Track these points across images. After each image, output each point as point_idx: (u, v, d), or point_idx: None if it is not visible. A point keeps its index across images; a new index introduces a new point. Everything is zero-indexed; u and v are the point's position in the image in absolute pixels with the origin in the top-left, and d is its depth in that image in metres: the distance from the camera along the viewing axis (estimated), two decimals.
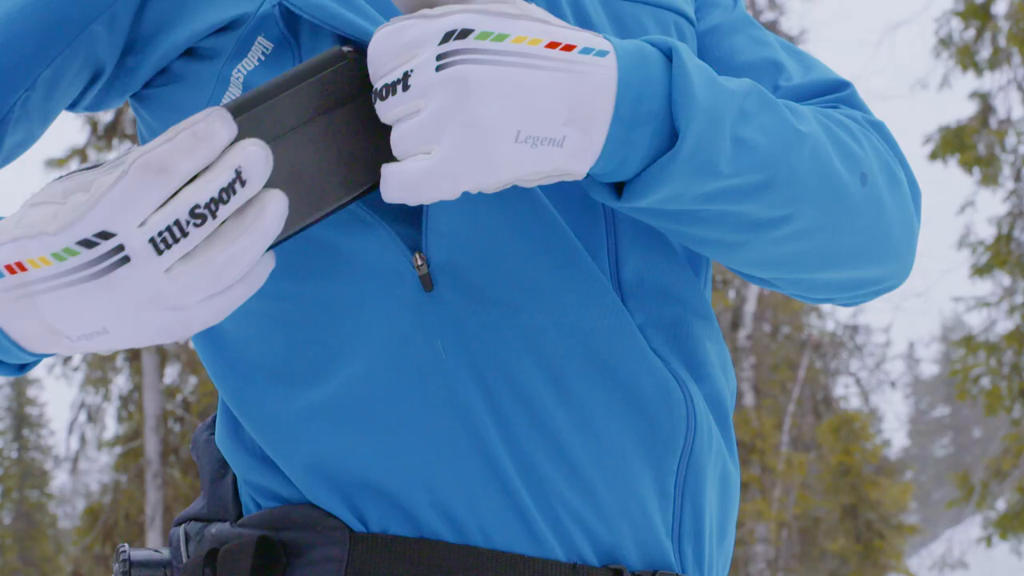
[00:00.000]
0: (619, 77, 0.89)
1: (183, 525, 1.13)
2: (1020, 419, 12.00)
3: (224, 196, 0.78)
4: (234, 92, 1.01)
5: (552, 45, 0.87)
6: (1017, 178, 12.45)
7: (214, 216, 0.78)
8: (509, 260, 1.00)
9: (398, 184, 0.86)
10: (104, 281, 0.78)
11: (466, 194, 0.89)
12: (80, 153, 13.38)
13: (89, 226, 0.77)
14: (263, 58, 1.00)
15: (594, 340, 1.01)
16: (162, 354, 13.91)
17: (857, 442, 18.36)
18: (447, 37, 0.84)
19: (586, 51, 0.88)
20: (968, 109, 13.06)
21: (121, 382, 14.97)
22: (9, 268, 0.81)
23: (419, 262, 0.98)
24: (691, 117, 0.91)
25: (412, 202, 0.86)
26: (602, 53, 0.89)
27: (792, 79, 1.16)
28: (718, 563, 1.10)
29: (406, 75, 0.85)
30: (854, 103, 1.16)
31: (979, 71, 12.52)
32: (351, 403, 1.00)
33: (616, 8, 1.12)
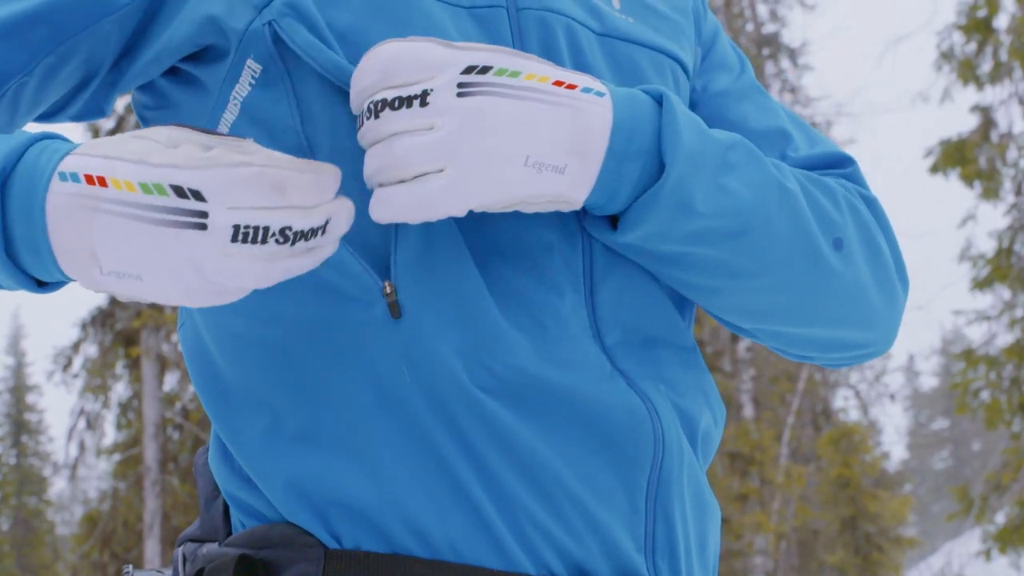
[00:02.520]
0: (614, 116, 0.99)
1: (182, 547, 1.16)
2: (1020, 433, 11.99)
3: (309, 235, 0.88)
4: (232, 112, 1.06)
5: (558, 83, 0.98)
6: (1018, 192, 12.46)
7: (293, 243, 0.87)
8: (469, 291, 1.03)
9: (409, 202, 0.93)
10: (172, 232, 0.84)
11: (430, 227, 0.98)
12: None
13: (193, 180, 0.83)
14: (254, 81, 1.05)
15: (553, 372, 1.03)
16: (162, 362, 13.90)
17: (856, 454, 18.35)
18: (470, 70, 0.94)
19: (586, 90, 0.99)
20: (969, 123, 13.05)
21: (120, 389, 14.96)
22: (89, 178, 0.85)
23: (388, 290, 1.01)
24: (676, 155, 1.00)
25: (417, 220, 0.94)
26: (600, 94, 0.99)
27: (800, 150, 1.23)
28: None
29: (425, 92, 0.93)
30: (855, 179, 1.22)
31: (980, 85, 12.54)
32: (322, 426, 1.03)
33: (612, 48, 1.15)
